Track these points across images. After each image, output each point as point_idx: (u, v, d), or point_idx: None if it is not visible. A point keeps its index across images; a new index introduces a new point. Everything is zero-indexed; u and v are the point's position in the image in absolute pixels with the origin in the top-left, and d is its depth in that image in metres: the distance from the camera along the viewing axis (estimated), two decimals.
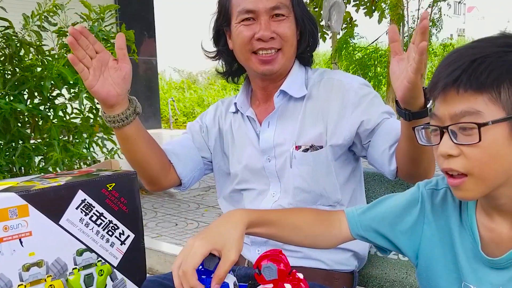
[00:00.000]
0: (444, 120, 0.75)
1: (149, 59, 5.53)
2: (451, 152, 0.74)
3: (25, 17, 2.13)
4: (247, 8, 1.20)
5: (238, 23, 1.21)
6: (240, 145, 1.32)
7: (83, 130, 2.32)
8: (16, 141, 2.18)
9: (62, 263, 0.91)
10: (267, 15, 1.19)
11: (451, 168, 0.75)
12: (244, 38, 1.21)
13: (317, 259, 1.22)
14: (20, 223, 0.85)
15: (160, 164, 1.28)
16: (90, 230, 0.94)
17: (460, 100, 0.72)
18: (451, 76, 0.73)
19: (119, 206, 0.97)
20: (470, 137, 0.72)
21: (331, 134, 1.20)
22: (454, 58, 0.75)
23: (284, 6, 1.21)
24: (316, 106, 1.23)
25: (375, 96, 1.23)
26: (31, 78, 2.12)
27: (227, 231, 0.86)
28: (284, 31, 1.20)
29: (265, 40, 1.19)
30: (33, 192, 0.87)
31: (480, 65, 0.71)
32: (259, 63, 1.21)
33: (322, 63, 12.60)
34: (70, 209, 0.91)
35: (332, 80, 1.25)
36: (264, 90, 1.29)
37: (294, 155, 1.21)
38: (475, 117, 0.71)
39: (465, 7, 33.25)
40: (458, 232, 0.85)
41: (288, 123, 1.25)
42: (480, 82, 0.71)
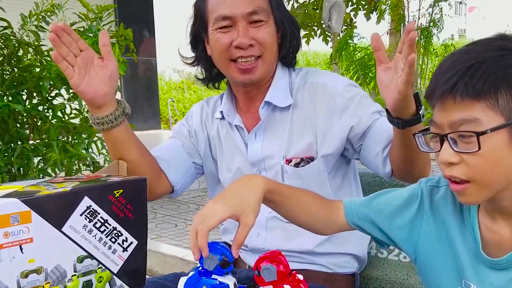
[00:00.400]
0: (443, 127, 0.75)
1: (148, 59, 5.51)
2: (451, 160, 0.74)
3: (23, 17, 2.11)
4: (223, 14, 1.14)
5: (214, 30, 1.16)
6: (228, 153, 1.28)
7: (82, 131, 2.30)
8: (14, 142, 2.16)
9: (62, 270, 0.89)
10: (245, 21, 1.14)
11: (453, 176, 0.75)
12: (221, 46, 1.16)
13: (318, 264, 1.21)
14: (21, 230, 0.84)
15: (151, 171, 1.21)
16: (93, 237, 0.92)
17: (457, 108, 0.72)
18: (448, 84, 0.72)
19: (125, 212, 0.95)
20: (470, 145, 0.72)
21: (321, 143, 1.18)
22: (450, 64, 0.74)
23: (262, 11, 1.15)
24: (303, 114, 1.20)
25: (362, 96, 1.19)
26: (30, 79, 2.10)
27: (246, 196, 0.87)
28: (263, 37, 1.15)
29: (244, 48, 1.14)
30: (36, 198, 0.85)
31: (476, 72, 0.70)
32: (238, 72, 1.17)
33: (323, 64, 12.58)
34: (74, 215, 0.89)
35: (316, 84, 1.21)
36: (247, 97, 1.25)
37: (286, 170, 1.19)
38: (473, 125, 0.71)
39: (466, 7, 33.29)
40: (459, 230, 0.85)
41: (275, 134, 1.22)
42: (477, 90, 0.70)
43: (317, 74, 1.25)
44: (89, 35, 2.11)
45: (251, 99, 1.24)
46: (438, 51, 7.31)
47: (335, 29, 5.84)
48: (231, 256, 0.85)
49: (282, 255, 0.82)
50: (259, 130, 1.23)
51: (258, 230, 1.23)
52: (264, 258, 0.82)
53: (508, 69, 0.70)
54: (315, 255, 1.21)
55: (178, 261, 2.93)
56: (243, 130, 1.25)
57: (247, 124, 1.25)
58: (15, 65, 2.16)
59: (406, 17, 6.61)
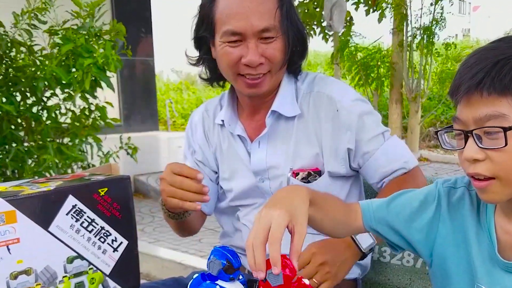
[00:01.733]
0: (468, 123, 0.75)
1: (146, 59, 5.50)
2: (476, 156, 0.73)
3: (15, 15, 2.10)
4: (233, 30, 1.09)
5: (223, 42, 1.12)
6: (230, 162, 1.26)
7: (77, 132, 2.29)
8: (8, 144, 2.14)
9: (52, 271, 0.88)
10: (255, 38, 1.09)
11: (477, 173, 0.75)
12: (230, 60, 1.12)
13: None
14: (7, 230, 0.83)
15: (201, 219, 1.31)
16: (81, 237, 0.91)
17: (484, 104, 0.72)
18: (474, 79, 0.72)
19: (112, 211, 0.94)
20: (496, 141, 0.71)
21: (328, 158, 1.16)
22: (476, 60, 0.74)
23: (274, 27, 1.10)
24: (308, 125, 1.18)
25: (367, 114, 1.17)
26: (24, 79, 2.08)
27: (298, 204, 0.84)
28: (273, 54, 1.12)
29: (253, 66, 1.11)
30: (21, 197, 0.84)
31: (503, 67, 0.70)
32: (245, 85, 1.14)
33: (324, 64, 12.53)
34: (60, 215, 0.88)
35: (322, 95, 1.18)
36: (252, 105, 1.23)
37: (292, 183, 1.17)
38: (500, 120, 0.71)
39: (471, 7, 33.22)
40: (475, 232, 0.84)
41: (280, 143, 1.20)
42: (504, 85, 0.70)
43: (324, 82, 1.21)
44: (82, 33, 2.09)
45: (257, 107, 1.22)
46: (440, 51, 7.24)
47: (336, 28, 5.82)
48: (236, 261, 0.83)
49: (288, 258, 0.80)
50: (263, 139, 1.20)
51: None
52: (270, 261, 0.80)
53: None
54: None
55: (176, 265, 2.91)
56: (246, 139, 1.22)
57: (250, 131, 1.23)
58: (9, 65, 2.14)
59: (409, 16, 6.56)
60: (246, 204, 1.26)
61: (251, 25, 1.08)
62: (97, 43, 2.09)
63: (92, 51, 2.05)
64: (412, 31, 6.64)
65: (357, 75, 7.08)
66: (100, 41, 2.13)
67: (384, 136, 1.17)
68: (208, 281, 0.84)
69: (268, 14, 1.09)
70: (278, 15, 1.11)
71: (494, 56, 0.72)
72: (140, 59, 5.28)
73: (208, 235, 3.60)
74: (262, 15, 1.08)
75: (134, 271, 0.99)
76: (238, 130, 1.22)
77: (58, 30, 2.14)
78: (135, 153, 2.40)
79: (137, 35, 5.26)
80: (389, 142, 1.17)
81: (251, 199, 1.25)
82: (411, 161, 1.17)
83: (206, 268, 0.85)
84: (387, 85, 7.15)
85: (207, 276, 0.84)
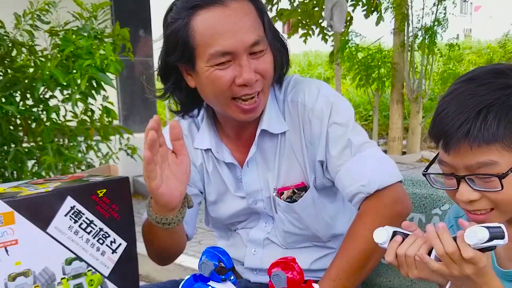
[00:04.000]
0: (458, 169, 0.77)
1: (145, 59, 5.49)
2: (472, 198, 0.77)
3: (17, 16, 2.09)
4: (223, 50, 0.98)
5: (210, 67, 1.00)
6: (216, 186, 1.19)
7: (78, 134, 2.28)
8: (8, 145, 2.14)
9: (50, 273, 0.88)
10: (246, 53, 0.99)
11: (477, 210, 0.78)
12: (222, 84, 1.00)
13: (317, 276, 1.18)
14: (5, 231, 0.83)
15: (184, 240, 1.17)
16: (80, 238, 0.91)
17: (474, 153, 0.74)
18: (461, 131, 0.74)
19: (110, 213, 0.94)
20: (490, 184, 0.75)
21: (311, 171, 1.12)
22: (456, 108, 0.76)
23: (262, 39, 1.02)
24: (290, 138, 1.12)
25: (338, 124, 1.08)
26: (23, 79, 2.08)
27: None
28: (265, 68, 1.03)
29: (249, 85, 1.01)
30: (19, 198, 0.84)
31: (487, 116, 0.73)
32: (240, 112, 1.04)
33: (324, 64, 12.53)
34: (58, 216, 0.88)
35: (296, 104, 1.11)
36: (238, 128, 1.14)
37: (278, 203, 1.14)
38: (491, 167, 0.74)
39: (472, 7, 33.24)
40: None
41: (267, 162, 1.14)
42: (492, 134, 0.73)
43: (296, 89, 1.13)
44: (83, 35, 2.09)
45: (243, 128, 1.13)
46: (442, 51, 7.25)
47: (337, 28, 5.82)
48: (228, 262, 0.82)
49: (295, 262, 0.79)
50: (252, 160, 1.13)
51: (255, 247, 1.21)
52: (276, 264, 0.80)
53: None
54: (311, 272, 1.19)
55: (176, 267, 2.91)
56: (235, 166, 1.15)
57: (237, 155, 1.16)
58: (9, 65, 2.14)
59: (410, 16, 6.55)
60: (241, 220, 1.23)
61: (240, 41, 0.98)
62: (97, 45, 2.09)
63: (92, 52, 2.04)
64: (414, 31, 6.63)
65: (357, 75, 7.06)
66: (102, 44, 2.13)
67: (351, 150, 1.07)
68: (199, 282, 0.83)
69: (253, 26, 1.01)
70: (262, 26, 1.03)
71: (475, 105, 0.74)
72: (139, 59, 5.27)
73: (207, 237, 3.59)
74: (249, 28, 0.99)
75: (133, 272, 0.99)
76: (228, 157, 1.15)
77: (59, 30, 2.14)
78: (134, 153, 2.40)
79: (136, 35, 5.25)
80: (355, 158, 1.06)
81: (243, 216, 1.21)
82: (373, 183, 1.03)
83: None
84: (388, 85, 7.13)
85: (199, 277, 0.83)
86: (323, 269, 1.16)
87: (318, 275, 1.17)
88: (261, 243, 1.20)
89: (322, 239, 1.18)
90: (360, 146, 1.07)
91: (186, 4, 1.00)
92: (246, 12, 1.00)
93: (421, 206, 1.25)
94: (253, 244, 1.21)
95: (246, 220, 1.22)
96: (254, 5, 1.03)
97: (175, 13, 1.02)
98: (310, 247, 1.20)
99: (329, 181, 1.13)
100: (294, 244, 1.18)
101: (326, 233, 1.17)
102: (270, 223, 1.19)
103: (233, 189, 1.17)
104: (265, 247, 1.20)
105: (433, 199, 1.24)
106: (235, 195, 1.18)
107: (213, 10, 0.99)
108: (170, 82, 1.10)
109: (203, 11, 0.99)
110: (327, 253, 1.19)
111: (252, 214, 1.20)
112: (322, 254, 1.20)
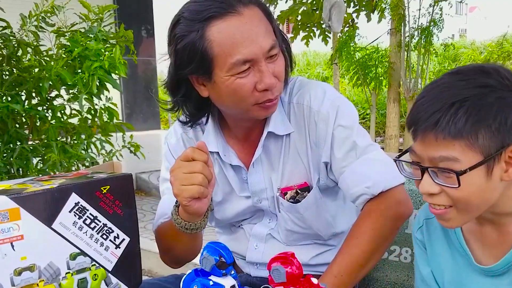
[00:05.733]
0: (423, 159, 0.78)
1: (148, 59, 5.51)
2: (432, 190, 0.78)
3: (23, 17, 2.12)
4: (244, 58, 0.98)
5: (231, 76, 1.00)
6: (223, 190, 1.21)
7: (81, 131, 2.31)
8: (14, 142, 2.16)
9: (55, 267, 0.89)
10: (264, 59, 1.00)
11: (435, 203, 0.79)
12: (244, 91, 1.01)
13: (316, 271, 1.20)
14: (11, 227, 0.84)
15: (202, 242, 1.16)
16: (84, 234, 0.92)
17: (438, 146, 0.74)
18: (430, 120, 0.75)
19: (114, 209, 0.96)
20: (450, 179, 0.75)
21: (315, 173, 1.14)
22: (433, 97, 0.76)
23: (276, 43, 1.03)
24: (295, 140, 1.13)
25: (344, 127, 1.09)
26: (29, 79, 2.10)
27: None
28: (280, 71, 1.04)
29: (271, 89, 1.02)
30: (24, 195, 0.86)
31: (458, 110, 0.73)
32: (262, 110, 1.05)
33: (323, 64, 12.58)
34: (63, 212, 0.90)
35: (301, 107, 1.12)
36: (247, 129, 1.15)
37: (281, 203, 1.16)
38: (452, 163, 0.74)
39: (467, 7, 33.34)
40: (450, 252, 0.89)
41: (272, 162, 1.16)
42: (458, 129, 0.73)
43: (302, 91, 1.14)
44: (90, 36, 2.11)
45: (252, 129, 1.15)
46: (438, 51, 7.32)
47: (335, 28, 5.87)
48: (228, 257, 0.84)
49: (295, 257, 0.80)
50: (257, 161, 1.15)
51: (257, 241, 1.23)
52: (276, 258, 0.81)
53: (489, 108, 0.72)
54: (310, 266, 1.21)
55: None
56: (241, 168, 1.17)
57: (243, 156, 1.17)
58: (15, 65, 2.16)
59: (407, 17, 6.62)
60: (245, 218, 1.25)
61: (260, 47, 0.99)
62: (104, 46, 2.11)
63: (100, 54, 2.07)
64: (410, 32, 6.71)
65: (355, 75, 7.14)
66: (107, 45, 2.15)
67: (356, 153, 1.08)
68: (201, 277, 0.84)
69: (267, 30, 1.02)
70: (273, 30, 1.04)
71: (450, 97, 0.74)
72: (142, 59, 5.29)
73: (209, 233, 3.61)
74: (265, 34, 1.00)
75: (136, 267, 1.01)
76: (234, 160, 1.16)
77: (65, 31, 2.16)
78: (138, 151, 2.42)
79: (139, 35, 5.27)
80: (360, 161, 1.08)
81: (248, 214, 1.23)
82: (377, 185, 1.05)
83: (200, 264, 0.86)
84: (385, 84, 7.20)
85: (200, 272, 0.85)
86: (322, 264, 1.19)
87: (317, 270, 1.20)
88: (263, 238, 1.22)
89: (323, 237, 1.20)
90: (365, 148, 1.09)
91: (197, 16, 0.99)
92: (259, 18, 1.01)
93: (417, 202, 1.27)
94: (256, 239, 1.23)
95: (251, 217, 1.24)
96: (262, 11, 1.03)
97: (186, 26, 1.00)
98: (311, 244, 1.22)
99: (332, 182, 1.15)
100: (296, 242, 1.21)
101: (327, 232, 1.20)
102: (274, 220, 1.21)
103: (238, 190, 1.19)
104: (267, 242, 1.22)
105: None
106: (240, 196, 1.19)
107: (228, 19, 0.98)
108: (180, 95, 1.09)
109: (219, 22, 0.98)
110: (327, 249, 1.21)
111: (256, 212, 1.22)
112: (323, 250, 1.22)
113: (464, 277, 0.87)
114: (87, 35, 2.12)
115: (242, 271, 1.28)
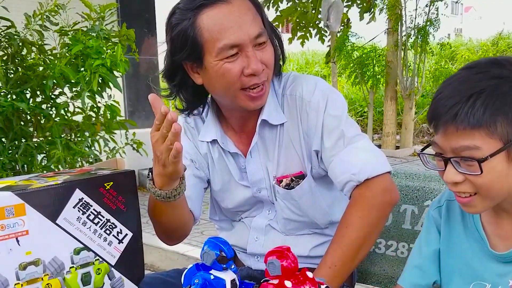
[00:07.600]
0: (445, 150, 0.81)
1: (150, 58, 5.52)
2: (456, 179, 0.81)
3: (27, 16, 2.14)
4: (231, 43, 1.04)
5: (220, 60, 1.05)
6: (221, 174, 1.24)
7: (85, 129, 2.33)
8: (18, 140, 2.18)
9: (59, 262, 0.91)
10: (251, 45, 1.06)
11: (459, 192, 0.82)
12: (232, 76, 1.06)
13: (315, 263, 1.20)
14: (16, 222, 0.86)
15: (189, 216, 1.19)
16: (88, 229, 0.94)
17: (459, 136, 0.78)
18: (450, 113, 0.78)
19: (117, 204, 0.97)
20: (472, 167, 0.78)
21: (308, 162, 1.17)
22: (450, 92, 0.80)
23: (264, 32, 1.08)
24: (288, 130, 1.17)
25: (333, 116, 1.13)
26: (34, 77, 2.12)
27: None
28: (268, 59, 1.09)
29: (257, 75, 1.07)
30: (29, 191, 0.87)
31: (476, 102, 0.76)
32: (249, 99, 1.10)
33: (321, 62, 12.60)
34: (67, 208, 0.91)
35: (294, 98, 1.16)
36: (242, 118, 1.19)
37: (277, 190, 1.19)
38: (474, 152, 0.77)
39: (463, 7, 33.52)
40: (465, 236, 0.92)
41: (267, 151, 1.19)
42: (477, 119, 0.76)
43: (295, 83, 1.19)
44: (92, 35, 2.13)
45: (247, 119, 1.19)
46: (434, 50, 7.38)
47: (333, 28, 5.91)
48: (229, 252, 0.85)
49: (290, 251, 0.82)
50: (254, 149, 1.19)
51: (257, 234, 1.25)
52: (272, 252, 0.82)
53: (504, 98, 0.76)
54: (310, 258, 1.23)
55: (180, 256, 2.94)
56: (239, 155, 1.21)
57: (241, 145, 1.21)
58: (19, 64, 2.18)
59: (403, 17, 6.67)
60: (245, 210, 1.28)
61: (246, 33, 1.05)
62: (106, 45, 2.13)
63: (101, 52, 2.09)
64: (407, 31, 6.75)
65: (353, 73, 7.18)
66: (109, 44, 2.17)
67: (344, 142, 1.12)
68: (202, 271, 0.86)
69: (255, 19, 1.07)
70: (261, 20, 1.10)
71: (467, 89, 0.78)
72: (144, 58, 5.30)
73: (209, 228, 3.63)
74: (252, 22, 1.06)
75: (138, 262, 1.02)
76: (232, 147, 1.20)
77: (68, 30, 2.18)
78: (140, 148, 2.44)
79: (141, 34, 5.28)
80: (347, 149, 1.11)
81: (248, 205, 1.26)
82: (363, 172, 1.08)
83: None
84: (383, 83, 7.25)
85: (201, 266, 0.86)
86: (321, 256, 1.20)
87: (317, 262, 1.22)
88: (263, 230, 1.25)
89: (320, 225, 1.23)
90: (352, 138, 1.13)
91: (190, 5, 1.06)
92: (247, 8, 1.07)
93: (413, 198, 1.29)
94: (256, 231, 1.25)
95: (251, 209, 1.27)
96: (251, 1, 1.09)
97: (180, 15, 1.07)
98: (310, 234, 1.24)
99: (323, 171, 1.18)
100: (294, 231, 1.23)
101: (323, 220, 1.22)
102: (273, 210, 1.24)
103: (237, 178, 1.22)
104: (266, 234, 1.25)
105: (425, 191, 1.28)
106: (239, 183, 1.23)
107: (218, 7, 1.05)
108: (176, 81, 1.15)
109: (208, 9, 1.05)
110: (325, 240, 1.23)
111: (256, 203, 1.25)
112: (321, 241, 1.24)
113: (476, 261, 0.90)
114: (89, 33, 2.14)
115: (244, 264, 1.31)
